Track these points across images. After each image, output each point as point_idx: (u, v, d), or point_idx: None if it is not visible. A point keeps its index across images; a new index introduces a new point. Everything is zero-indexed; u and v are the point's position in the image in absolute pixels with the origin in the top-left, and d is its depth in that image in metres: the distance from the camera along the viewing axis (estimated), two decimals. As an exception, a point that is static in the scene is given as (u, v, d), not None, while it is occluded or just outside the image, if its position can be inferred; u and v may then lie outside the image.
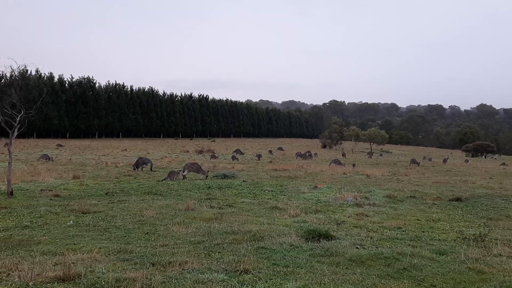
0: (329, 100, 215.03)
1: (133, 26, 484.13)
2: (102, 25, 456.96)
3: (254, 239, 6.86)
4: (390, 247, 6.69)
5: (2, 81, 44.05)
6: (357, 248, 6.59)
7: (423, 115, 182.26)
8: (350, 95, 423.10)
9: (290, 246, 6.52)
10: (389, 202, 11.73)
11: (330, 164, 28.11)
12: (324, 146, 68.66)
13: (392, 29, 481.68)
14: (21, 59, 37.49)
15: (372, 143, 69.88)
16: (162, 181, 15.67)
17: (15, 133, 12.01)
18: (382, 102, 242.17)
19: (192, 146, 51.51)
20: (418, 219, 9.29)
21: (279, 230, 7.53)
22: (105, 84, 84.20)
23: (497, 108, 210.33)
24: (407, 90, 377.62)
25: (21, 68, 14.99)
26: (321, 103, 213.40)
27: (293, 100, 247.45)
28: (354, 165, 28.05)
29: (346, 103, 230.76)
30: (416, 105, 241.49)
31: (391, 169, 27.48)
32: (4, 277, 4.86)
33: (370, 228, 8.19)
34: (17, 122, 11.82)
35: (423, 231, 8.08)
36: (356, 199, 11.68)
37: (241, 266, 5.27)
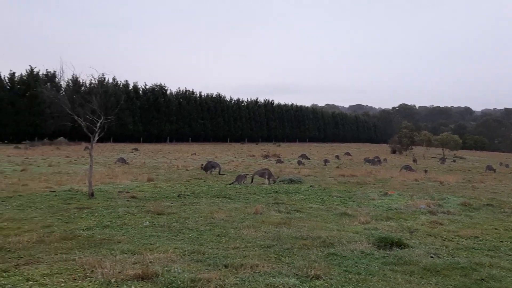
0: (399, 103, 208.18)
1: (201, 33, 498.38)
2: (171, 35, 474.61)
3: (324, 245, 6.83)
4: (466, 257, 6.40)
5: (82, 88, 46.96)
6: (431, 257, 6.36)
7: (499, 119, 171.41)
8: (420, 99, 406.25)
9: (362, 253, 6.42)
10: (465, 210, 11.18)
11: (400, 170, 27.25)
12: (393, 152, 66.52)
13: (464, 28, 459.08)
14: (101, 68, 39.84)
15: (444, 149, 66.75)
16: (230, 184, 15.98)
17: (96, 138, 12.79)
18: (455, 106, 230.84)
19: (257, 150, 52.00)
20: (496, 228, 8.78)
21: (350, 237, 7.44)
22: (175, 90, 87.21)
23: None
24: (481, 93, 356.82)
25: (100, 76, 15.95)
26: (390, 107, 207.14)
27: (360, 104, 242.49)
28: (426, 171, 26.96)
29: (417, 106, 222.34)
30: (492, 108, 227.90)
31: (465, 175, 26.12)
32: (88, 274, 5.19)
33: (444, 237, 7.87)
34: (98, 127, 12.59)
35: (502, 241, 7.64)
36: (429, 207, 11.24)
37: (312, 272, 5.27)
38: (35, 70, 65.39)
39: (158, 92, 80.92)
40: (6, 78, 64.05)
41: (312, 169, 26.08)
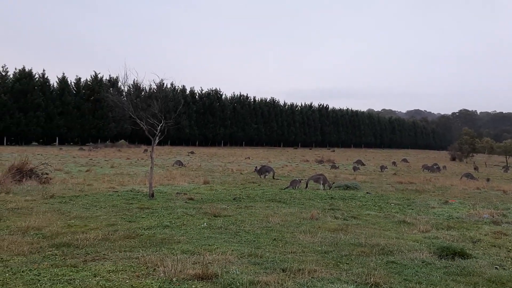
0: (459, 109, 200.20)
1: (255, 38, 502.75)
2: (226, 41, 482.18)
3: (383, 252, 6.69)
4: (535, 270, 6.06)
5: (143, 93, 48.81)
6: (496, 268, 6.08)
7: None
8: (482, 104, 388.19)
9: (422, 262, 6.23)
10: (532, 221, 10.55)
11: (461, 178, 26.18)
12: (453, 159, 63.94)
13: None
14: (162, 73, 41.22)
15: (508, 156, 63.27)
16: (284, 189, 16.00)
17: (156, 141, 13.24)
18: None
19: (311, 155, 51.69)
20: None
21: (409, 245, 7.24)
22: (230, 95, 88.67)
23: None
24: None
25: (160, 81, 16.53)
26: (449, 113, 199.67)
27: (418, 109, 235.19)
28: (488, 179, 25.73)
29: (478, 112, 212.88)
30: None
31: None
32: (151, 271, 5.39)
33: (510, 248, 7.48)
34: (158, 130, 13.03)
35: None
36: (493, 216, 10.72)
37: (371, 279, 5.18)
38: (99, 75, 68.67)
39: (213, 96, 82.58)
40: (73, 83, 67.76)
41: (368, 176, 25.59)
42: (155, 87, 17.66)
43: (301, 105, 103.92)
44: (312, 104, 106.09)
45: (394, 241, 7.58)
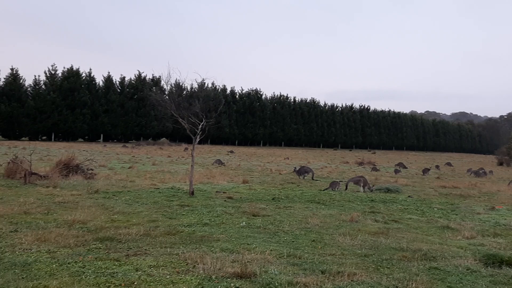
0: (507, 112, 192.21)
1: (297, 38, 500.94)
2: (268, 40, 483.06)
3: (425, 258, 6.51)
4: None
5: (184, 92, 49.61)
6: (547, 280, 5.79)
7: None
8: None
9: (467, 269, 6.02)
10: None
11: (509, 183, 25.05)
12: (500, 163, 61.39)
13: None
14: (204, 73, 41.81)
15: (562, 162, 60.12)
16: (323, 190, 15.85)
17: (197, 139, 13.43)
18: None
19: (351, 157, 50.97)
20: None
21: (453, 252, 7.01)
22: (270, 95, 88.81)
23: None
24: None
25: (202, 81, 16.71)
26: (497, 115, 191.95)
27: (464, 112, 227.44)
28: (539, 186, 24.53)
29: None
30: None
31: None
32: (191, 268, 5.47)
33: None
34: (199, 129, 13.21)
35: None
36: (544, 225, 10.21)
37: (413, 285, 5.06)
38: (142, 74, 70.43)
39: (253, 96, 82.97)
40: (117, 82, 69.83)
41: (410, 179, 24.96)
42: (197, 86, 17.95)
43: (342, 106, 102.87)
44: (353, 105, 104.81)
45: (437, 246, 7.36)
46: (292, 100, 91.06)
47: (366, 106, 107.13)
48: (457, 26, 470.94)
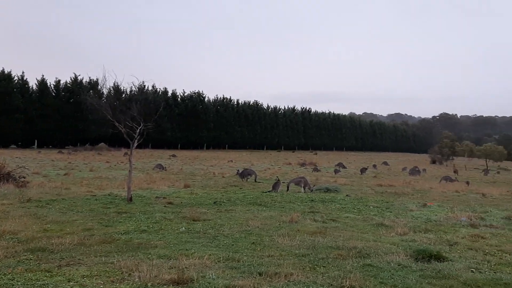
0: (439, 113, 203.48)
1: (240, 42, 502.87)
2: (210, 43, 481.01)
3: (359, 255, 6.72)
4: (510, 273, 6.13)
5: (123, 96, 48.42)
6: (472, 271, 6.14)
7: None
8: (463, 108, 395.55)
9: (398, 265, 6.27)
10: (509, 224, 10.71)
11: (440, 181, 26.54)
12: (433, 162, 64.87)
13: (509, 34, 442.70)
14: (141, 75, 40.99)
15: (488, 160, 64.43)
16: (266, 192, 15.99)
17: (135, 144, 13.12)
18: (499, 116, 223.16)
19: (294, 158, 51.85)
20: (542, 244, 8.37)
21: (386, 248, 7.28)
22: (213, 98, 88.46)
23: None
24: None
25: (140, 84, 16.38)
26: (430, 116, 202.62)
27: (399, 113, 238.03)
28: (467, 182, 26.10)
29: (459, 116, 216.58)
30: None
31: (510, 188, 25.11)
32: (126, 276, 5.33)
33: (486, 251, 7.56)
34: (137, 133, 12.91)
35: (548, 257, 7.27)
36: (471, 220, 10.84)
37: (347, 283, 5.20)
38: (79, 77, 67.94)
39: (196, 99, 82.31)
40: (52, 86, 66.83)
41: (349, 178, 25.77)
42: (136, 89, 17.56)
43: (284, 108, 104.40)
44: (295, 108, 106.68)
45: (371, 243, 7.62)
46: (235, 103, 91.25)
47: (307, 109, 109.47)
48: (393, 31, 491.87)
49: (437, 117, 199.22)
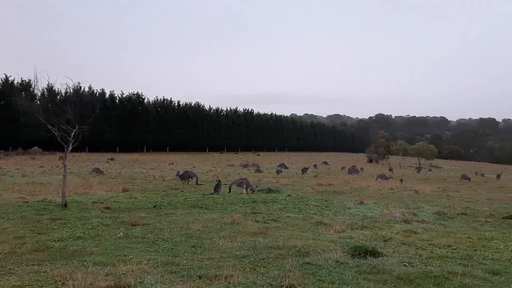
0: (375, 113, 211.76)
1: (182, 42, 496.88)
2: (150, 43, 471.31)
3: (299, 254, 6.83)
4: (439, 266, 6.47)
5: (58, 97, 46.31)
6: (405, 266, 6.42)
7: (474, 129, 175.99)
8: (397, 109, 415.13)
9: (336, 262, 6.44)
10: (439, 219, 11.35)
11: (376, 179, 27.58)
12: (370, 161, 67.34)
13: (440, 40, 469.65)
14: (76, 76, 39.48)
15: (420, 158, 67.80)
16: (208, 194, 15.89)
17: (70, 148, 12.59)
18: (431, 116, 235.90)
19: (237, 160, 51.91)
20: (469, 237, 8.91)
21: (325, 246, 7.46)
22: (153, 99, 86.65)
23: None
24: (457, 104, 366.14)
25: (76, 85, 15.73)
26: (367, 117, 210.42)
27: (338, 114, 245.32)
28: (401, 180, 27.34)
29: (393, 116, 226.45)
30: (467, 118, 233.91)
31: (440, 185, 26.59)
32: (60, 286, 5.12)
33: (418, 245, 7.95)
34: (72, 137, 12.40)
35: (475, 250, 7.75)
36: (404, 216, 11.37)
37: (286, 282, 5.27)
38: (10, 78, 64.28)
39: (135, 100, 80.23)
40: (-21, 87, 62.73)
41: (291, 178, 26.18)
42: (71, 91, 16.88)
43: (227, 110, 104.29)
44: (237, 109, 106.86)
45: (311, 242, 7.77)
46: (176, 104, 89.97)
47: (250, 110, 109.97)
48: (333, 33, 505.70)
49: (374, 118, 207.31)
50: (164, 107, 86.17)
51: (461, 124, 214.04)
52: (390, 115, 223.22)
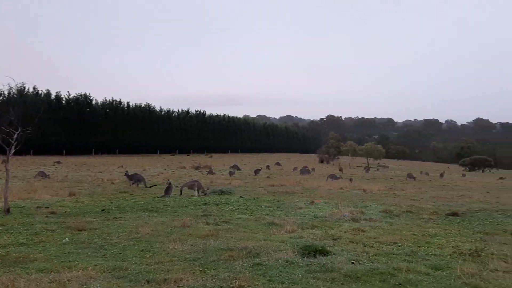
0: (326, 115, 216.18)
1: (133, 43, 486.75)
2: (99, 41, 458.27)
3: (250, 255, 6.84)
4: (386, 263, 6.67)
5: (0, 98, 44.15)
6: (352, 263, 6.57)
7: (419, 130, 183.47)
8: (347, 111, 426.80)
9: (286, 262, 6.50)
10: (386, 217, 11.72)
11: (327, 179, 28.14)
12: (321, 161, 68.64)
13: (384, 45, 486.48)
14: (19, 77, 37.77)
15: (369, 158, 69.84)
16: (158, 197, 15.63)
17: (12, 151, 12.01)
18: (378, 117, 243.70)
19: (189, 162, 51.40)
20: (414, 234, 9.27)
21: (276, 246, 7.51)
22: (102, 100, 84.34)
23: (493, 122, 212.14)
24: (403, 105, 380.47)
25: (19, 85, 15.02)
26: (318, 118, 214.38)
27: (290, 115, 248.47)
28: (351, 180, 28.06)
29: (343, 118, 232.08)
30: (413, 119, 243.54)
31: (387, 183, 27.51)
32: (0, 295, 4.85)
33: (366, 243, 8.17)
34: (14, 139, 11.84)
35: (419, 246, 8.06)
36: (353, 214, 11.65)
37: (236, 283, 5.26)
38: None
39: (82, 102, 77.83)
40: None
41: (243, 180, 26.20)
42: (14, 92, 16.13)
43: (178, 111, 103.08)
44: (189, 110, 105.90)
45: (262, 243, 7.80)
46: (126, 106, 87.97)
47: (202, 111, 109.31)
48: (282, 36, 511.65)
49: (325, 119, 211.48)
50: (113, 108, 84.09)
51: (406, 125, 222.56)
52: (341, 116, 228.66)
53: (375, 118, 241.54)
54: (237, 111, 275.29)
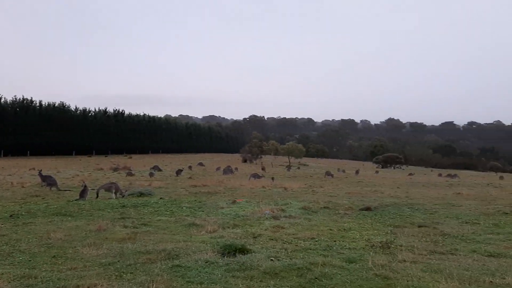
0: (249, 115, 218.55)
1: (49, 40, 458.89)
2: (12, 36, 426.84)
3: (169, 257, 6.74)
4: (303, 258, 6.89)
5: None
6: (271, 260, 6.70)
7: (337, 129, 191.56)
8: (269, 111, 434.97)
9: (206, 262, 6.48)
10: (304, 213, 12.08)
11: (249, 178, 28.41)
12: (244, 161, 69.22)
13: (307, 48, 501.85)
14: None
15: (290, 157, 71.69)
16: (73, 201, 14.88)
17: None
18: (299, 117, 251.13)
19: (107, 163, 49.44)
20: (330, 229, 9.65)
21: (196, 247, 7.46)
22: (11, 99, 78.71)
23: (403, 122, 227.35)
24: (322, 106, 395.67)
25: None
26: (241, 118, 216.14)
27: (213, 115, 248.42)
28: (273, 178, 28.58)
29: (266, 118, 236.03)
30: (331, 119, 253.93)
31: (307, 181, 28.37)
32: None
33: (285, 240, 8.36)
34: None
35: (335, 241, 8.40)
36: (273, 212, 11.88)
37: (154, 286, 5.17)
38: None
39: (-11, 100, 72.17)
40: None
41: (164, 181, 25.70)
42: None
43: (95, 110, 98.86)
44: (107, 110, 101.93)
45: (181, 244, 7.71)
46: (38, 105, 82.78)
47: (121, 111, 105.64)
48: (210, 36, 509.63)
49: (248, 119, 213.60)
50: (24, 108, 78.83)
51: (325, 124, 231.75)
52: (263, 116, 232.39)
53: (296, 118, 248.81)
54: (159, 111, 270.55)
